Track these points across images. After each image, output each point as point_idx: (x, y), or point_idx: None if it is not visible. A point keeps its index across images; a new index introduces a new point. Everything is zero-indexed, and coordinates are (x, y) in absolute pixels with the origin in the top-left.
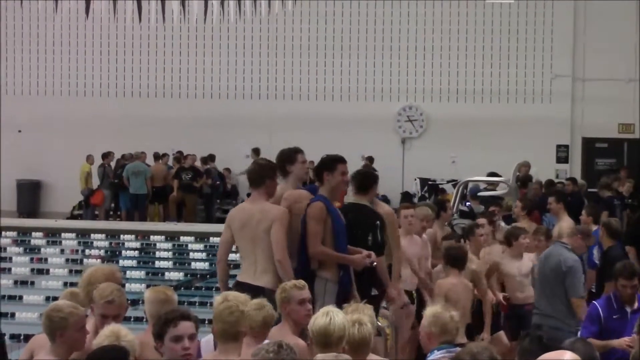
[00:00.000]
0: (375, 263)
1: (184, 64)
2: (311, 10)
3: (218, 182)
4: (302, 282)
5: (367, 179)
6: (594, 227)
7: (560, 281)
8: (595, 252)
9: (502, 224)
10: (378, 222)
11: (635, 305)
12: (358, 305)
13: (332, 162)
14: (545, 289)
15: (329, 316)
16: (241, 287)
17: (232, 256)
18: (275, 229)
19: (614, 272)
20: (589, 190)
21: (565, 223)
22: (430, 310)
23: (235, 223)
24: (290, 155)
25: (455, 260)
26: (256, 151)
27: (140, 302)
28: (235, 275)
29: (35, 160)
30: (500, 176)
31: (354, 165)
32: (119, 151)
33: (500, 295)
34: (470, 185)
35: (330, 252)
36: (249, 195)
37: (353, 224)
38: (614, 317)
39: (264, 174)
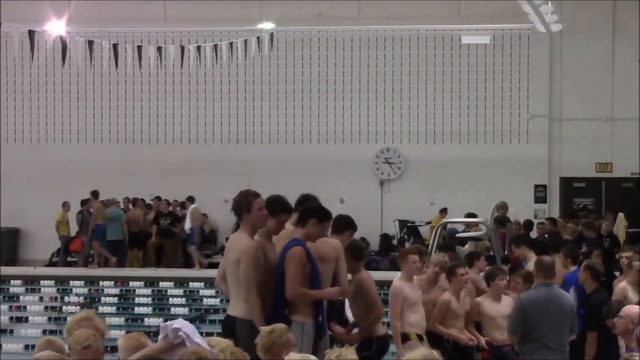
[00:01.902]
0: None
1: (161, 109)
2: (287, 54)
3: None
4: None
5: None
6: (573, 268)
7: (568, 320)
8: (572, 293)
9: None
10: None
11: None
12: (341, 350)
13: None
14: (559, 326)
15: None
16: (226, 319)
17: None
18: (242, 265)
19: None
20: None
21: (532, 263)
22: (415, 354)
23: (224, 253)
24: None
25: None
26: (94, 194)
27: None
28: None
29: (14, 207)
30: (477, 217)
31: (334, 209)
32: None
33: (483, 340)
34: (448, 226)
35: (308, 292)
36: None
37: None
38: None
39: (239, 208)
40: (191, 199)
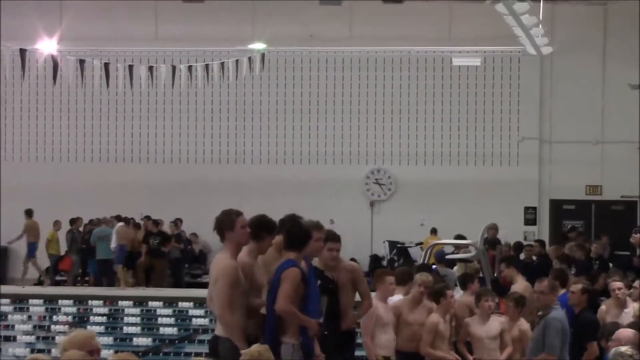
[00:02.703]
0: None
1: (152, 128)
2: (279, 74)
3: (189, 247)
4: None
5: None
6: (562, 291)
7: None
8: None
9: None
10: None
11: None
12: None
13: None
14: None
15: None
16: (213, 339)
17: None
18: (219, 283)
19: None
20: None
21: (519, 285)
22: None
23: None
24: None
25: None
26: (28, 212)
27: None
28: None
29: (2, 226)
30: (467, 239)
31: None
32: (88, 216)
33: (471, 358)
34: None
35: (297, 313)
36: None
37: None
38: None
39: (221, 227)
40: (118, 218)
